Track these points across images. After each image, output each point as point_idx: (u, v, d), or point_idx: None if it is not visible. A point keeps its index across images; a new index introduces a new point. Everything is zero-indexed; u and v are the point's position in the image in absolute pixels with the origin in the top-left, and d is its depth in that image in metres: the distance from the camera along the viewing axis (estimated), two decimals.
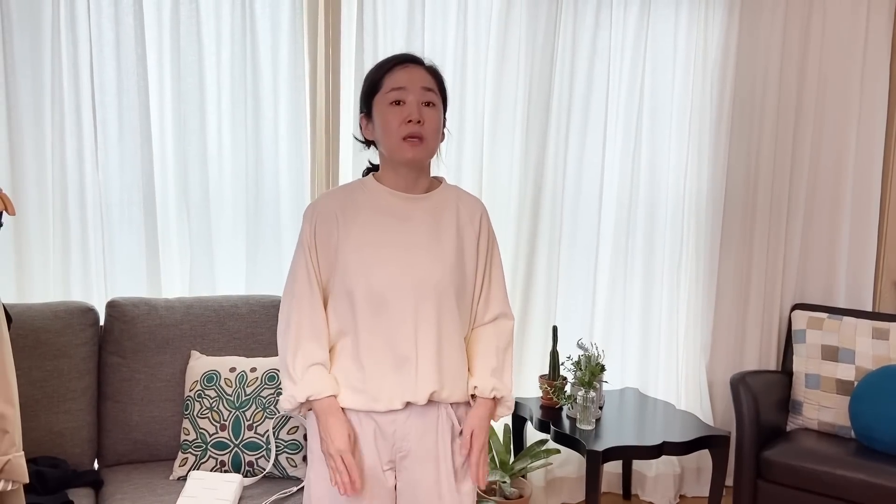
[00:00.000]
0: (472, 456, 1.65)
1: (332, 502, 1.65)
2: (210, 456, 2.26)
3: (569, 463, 3.18)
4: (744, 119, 3.22)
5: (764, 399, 2.96)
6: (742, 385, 2.92)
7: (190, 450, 2.27)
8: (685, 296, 3.26)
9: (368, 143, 1.73)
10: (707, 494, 3.32)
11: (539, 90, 2.98)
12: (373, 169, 1.76)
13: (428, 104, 1.61)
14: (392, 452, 1.67)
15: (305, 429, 2.04)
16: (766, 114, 3.22)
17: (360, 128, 1.72)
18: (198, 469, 2.24)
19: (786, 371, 3.21)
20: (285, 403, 1.64)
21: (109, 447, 2.36)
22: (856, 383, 2.93)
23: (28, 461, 2.18)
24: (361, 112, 1.70)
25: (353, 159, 2.75)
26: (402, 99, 1.59)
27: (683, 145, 3.20)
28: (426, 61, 1.68)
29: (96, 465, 2.39)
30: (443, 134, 1.69)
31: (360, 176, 1.78)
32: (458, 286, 1.67)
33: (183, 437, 2.30)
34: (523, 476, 2.86)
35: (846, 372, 2.98)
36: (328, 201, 1.70)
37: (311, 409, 1.66)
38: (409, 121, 1.58)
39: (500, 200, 3.02)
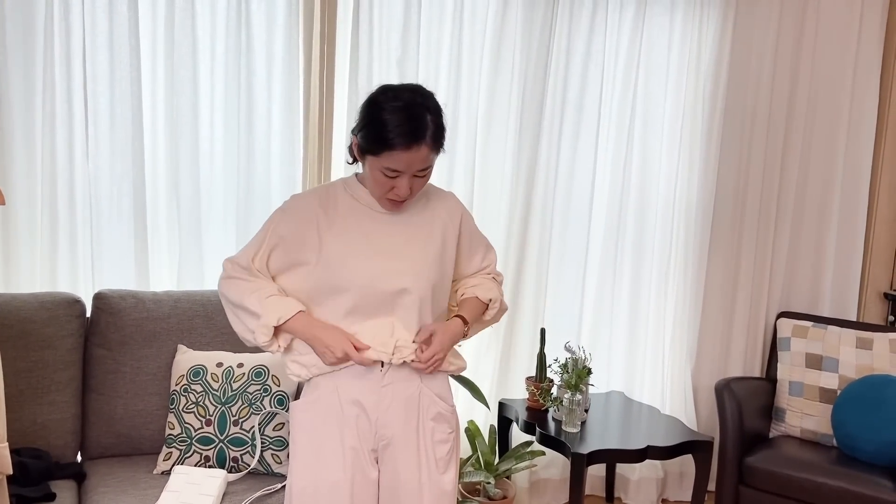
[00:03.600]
0: (423, 354, 1.63)
1: (314, 495, 1.65)
2: (195, 451, 2.25)
3: (553, 465, 3.19)
4: (735, 127, 3.24)
5: (748, 405, 2.98)
6: (727, 391, 2.94)
7: (174, 444, 2.26)
8: (672, 301, 3.28)
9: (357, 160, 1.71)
10: (689, 499, 3.34)
11: (533, 94, 2.99)
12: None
13: (422, 175, 1.61)
14: (375, 440, 1.68)
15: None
16: (757, 122, 3.24)
17: (350, 146, 1.69)
18: (182, 464, 2.23)
19: (770, 378, 3.23)
20: (260, 337, 1.63)
21: (93, 440, 2.35)
22: (839, 392, 2.96)
23: (11, 452, 2.17)
24: (356, 142, 1.63)
25: (345, 156, 2.75)
26: (396, 176, 1.59)
27: (674, 152, 3.22)
28: (432, 103, 1.58)
29: (80, 458, 2.37)
30: None
31: (354, 171, 1.79)
32: (437, 282, 1.70)
33: (168, 431, 2.29)
34: (508, 477, 2.87)
35: (829, 380, 3.01)
36: (310, 198, 1.72)
37: (289, 346, 1.67)
38: (397, 196, 1.61)
39: (492, 202, 3.02)
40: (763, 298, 3.36)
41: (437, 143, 1.60)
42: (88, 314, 2.41)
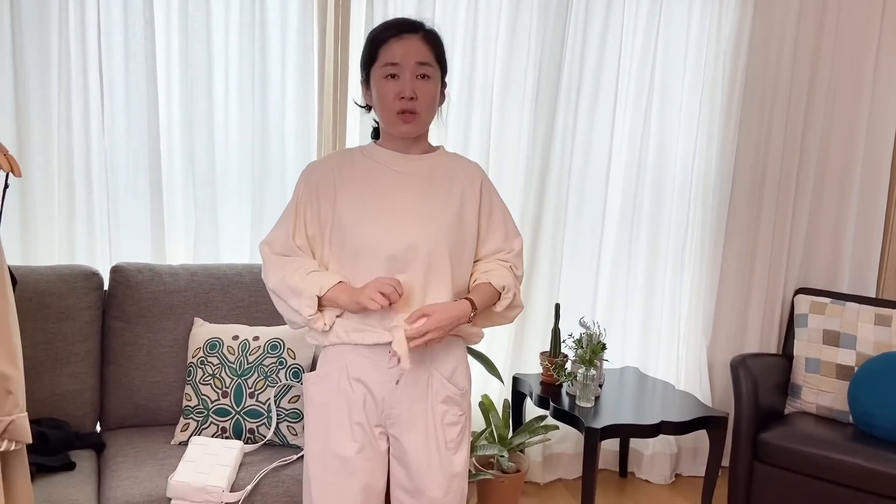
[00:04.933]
0: (413, 327, 1.56)
1: (323, 465, 1.66)
2: (211, 422, 2.28)
3: (567, 439, 3.20)
4: (755, 101, 3.19)
5: (763, 382, 2.96)
6: (742, 367, 2.93)
7: (192, 415, 2.29)
8: (689, 276, 3.25)
9: (369, 107, 1.73)
10: (703, 474, 3.34)
11: (549, 65, 2.95)
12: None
13: (423, 76, 1.60)
14: (381, 418, 1.68)
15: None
16: (778, 96, 3.18)
17: (362, 93, 1.73)
18: (199, 435, 2.26)
19: (786, 355, 3.21)
20: (305, 310, 1.61)
21: (112, 410, 2.38)
22: (856, 369, 2.93)
23: (31, 422, 2.20)
24: (362, 78, 1.71)
25: (360, 127, 2.74)
26: (397, 73, 1.59)
27: (693, 125, 3.17)
28: (426, 24, 1.65)
29: (98, 428, 2.41)
30: (442, 96, 1.70)
31: (369, 140, 1.79)
32: (454, 248, 1.66)
33: (185, 402, 2.31)
34: (521, 451, 2.88)
35: (847, 357, 2.98)
36: (328, 161, 1.72)
37: (337, 317, 1.64)
38: (403, 97, 1.59)
39: (507, 175, 3.00)
40: (781, 274, 3.33)
41: (435, 46, 1.63)
42: (106, 287, 2.43)
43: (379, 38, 1.61)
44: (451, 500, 1.68)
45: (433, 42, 1.64)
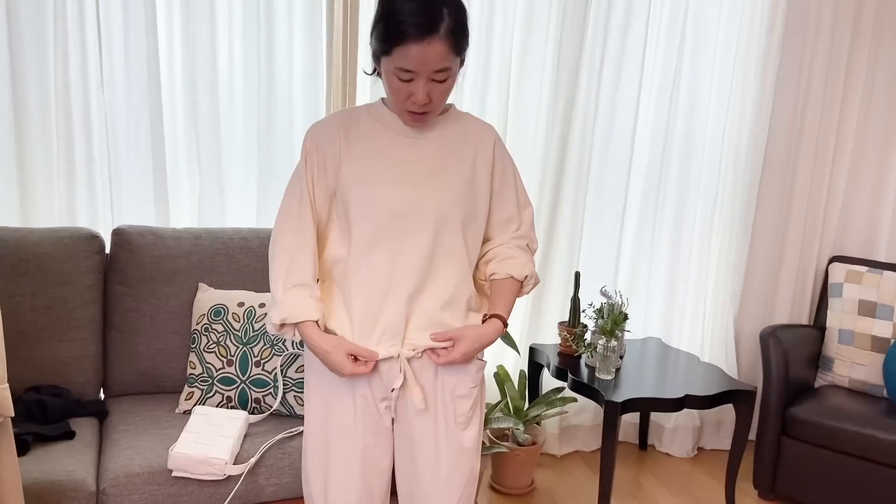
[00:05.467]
0: (440, 357, 1.51)
1: (325, 437, 1.57)
2: (216, 391, 2.20)
3: (584, 411, 3.10)
4: (793, 60, 2.99)
5: (794, 354, 2.83)
6: (772, 339, 2.79)
7: (196, 384, 2.21)
8: (717, 243, 3.11)
9: (379, 73, 1.54)
10: (726, 448, 3.25)
11: (573, 18, 2.77)
12: None
13: (440, 78, 1.43)
14: (386, 391, 1.56)
15: None
16: (818, 56, 2.99)
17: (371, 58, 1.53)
18: (203, 404, 2.19)
19: (818, 326, 3.07)
20: (269, 327, 1.54)
21: (115, 378, 2.31)
22: (893, 341, 2.79)
23: (30, 389, 2.15)
24: (371, 51, 1.49)
25: (371, 86, 2.60)
26: (412, 78, 1.42)
27: (726, 84, 2.99)
28: (447, 18, 1.37)
29: (102, 396, 2.34)
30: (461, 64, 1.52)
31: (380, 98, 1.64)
32: (466, 216, 1.53)
33: (189, 370, 2.24)
34: (537, 423, 2.78)
35: (883, 329, 2.84)
36: (332, 120, 1.57)
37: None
38: (415, 102, 1.44)
39: (526, 136, 2.86)
40: (815, 242, 3.17)
41: (457, 41, 1.41)
42: (107, 251, 2.34)
43: (397, 32, 1.37)
44: (459, 478, 1.57)
45: (457, 35, 1.40)
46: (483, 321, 1.57)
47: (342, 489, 1.56)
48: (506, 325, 1.58)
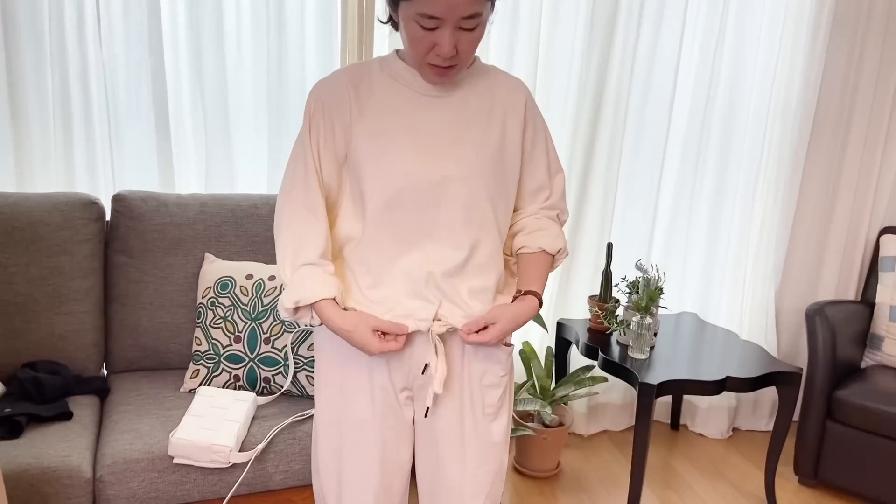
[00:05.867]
0: (469, 337, 1.33)
1: (339, 433, 1.41)
2: (223, 369, 2.06)
3: (613, 389, 2.94)
4: (848, 16, 2.74)
5: (840, 332, 2.64)
6: (819, 317, 2.60)
7: (202, 361, 2.07)
8: (759, 213, 2.89)
9: (396, 24, 1.35)
10: (763, 428, 3.09)
11: None
12: None
13: (469, 26, 1.23)
14: (408, 379, 1.40)
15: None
16: (875, 10, 2.72)
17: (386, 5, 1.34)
18: (210, 383, 2.05)
19: (866, 301, 2.87)
20: (282, 313, 1.37)
21: (117, 353, 2.18)
22: None
23: (26, 366, 2.02)
24: None
25: (388, 35, 2.40)
26: (436, 27, 1.22)
27: (775, 40, 2.74)
28: None
29: (105, 372, 2.21)
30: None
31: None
32: (495, 184, 1.35)
33: (195, 347, 2.10)
34: (565, 403, 2.62)
35: None
36: (340, 76, 1.36)
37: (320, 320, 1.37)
38: (440, 55, 1.24)
39: (557, 96, 2.64)
40: (865, 212, 2.94)
41: None
42: (108, 219, 2.19)
43: None
44: (486, 475, 1.42)
45: None
46: (514, 299, 1.40)
47: (358, 489, 1.40)
48: (541, 302, 1.40)
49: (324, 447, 1.42)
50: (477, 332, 1.33)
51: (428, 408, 1.37)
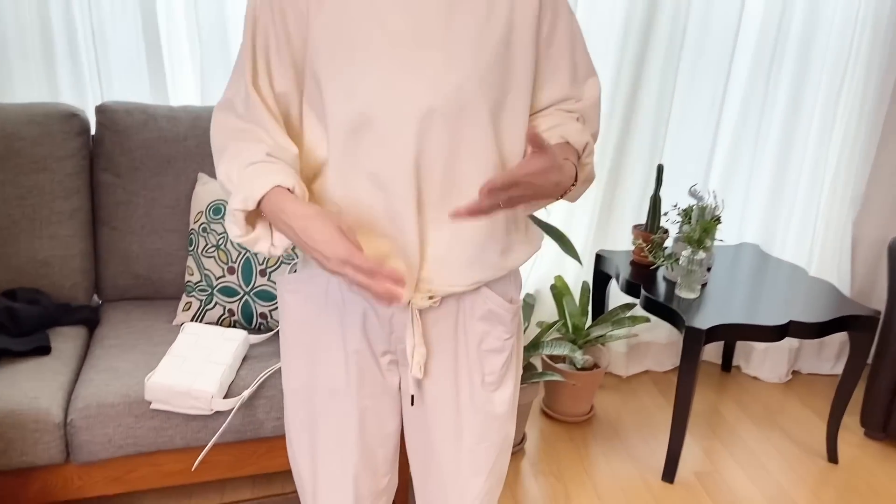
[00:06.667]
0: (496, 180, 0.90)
1: (309, 402, 1.17)
2: (217, 302, 1.87)
3: (657, 327, 2.65)
4: None
5: None
6: None
7: (194, 293, 1.89)
8: (840, 133, 2.50)
9: None
10: (826, 372, 2.80)
11: None
12: None
13: None
14: (391, 342, 1.13)
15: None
16: None
17: None
18: (202, 317, 1.87)
19: None
20: (232, 227, 1.00)
21: (108, 280, 2.01)
22: None
23: (4, 294, 1.87)
24: None
25: None
26: None
27: None
28: None
29: (99, 301, 2.05)
30: None
31: None
32: (497, 99, 1.02)
33: (187, 277, 1.91)
34: (602, 344, 2.37)
35: None
36: None
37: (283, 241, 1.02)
38: None
39: None
40: None
41: None
42: (93, 133, 1.98)
43: None
44: (487, 450, 1.18)
45: None
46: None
47: (335, 462, 1.18)
48: (575, 180, 1.06)
49: (292, 417, 1.19)
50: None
51: (413, 395, 1.13)
